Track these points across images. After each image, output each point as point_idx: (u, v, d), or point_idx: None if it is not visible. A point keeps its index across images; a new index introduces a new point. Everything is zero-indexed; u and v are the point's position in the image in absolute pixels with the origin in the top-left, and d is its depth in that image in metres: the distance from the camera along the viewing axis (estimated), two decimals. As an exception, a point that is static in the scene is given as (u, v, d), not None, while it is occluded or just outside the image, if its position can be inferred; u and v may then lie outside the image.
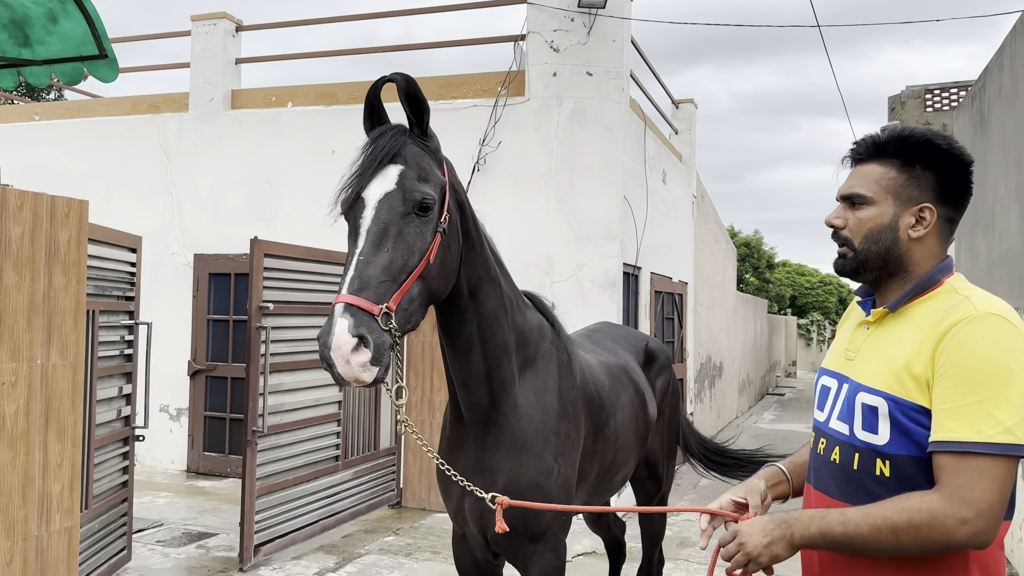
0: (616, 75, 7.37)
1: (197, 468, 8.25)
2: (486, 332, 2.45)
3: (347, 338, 1.88)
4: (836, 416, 1.70)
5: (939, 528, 1.45)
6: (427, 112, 2.24)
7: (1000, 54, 6.55)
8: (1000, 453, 1.44)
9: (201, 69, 8.55)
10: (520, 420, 2.54)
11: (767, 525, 1.60)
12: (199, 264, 8.37)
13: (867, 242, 1.67)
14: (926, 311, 1.60)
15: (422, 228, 2.12)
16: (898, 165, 1.66)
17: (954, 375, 1.49)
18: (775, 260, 34.76)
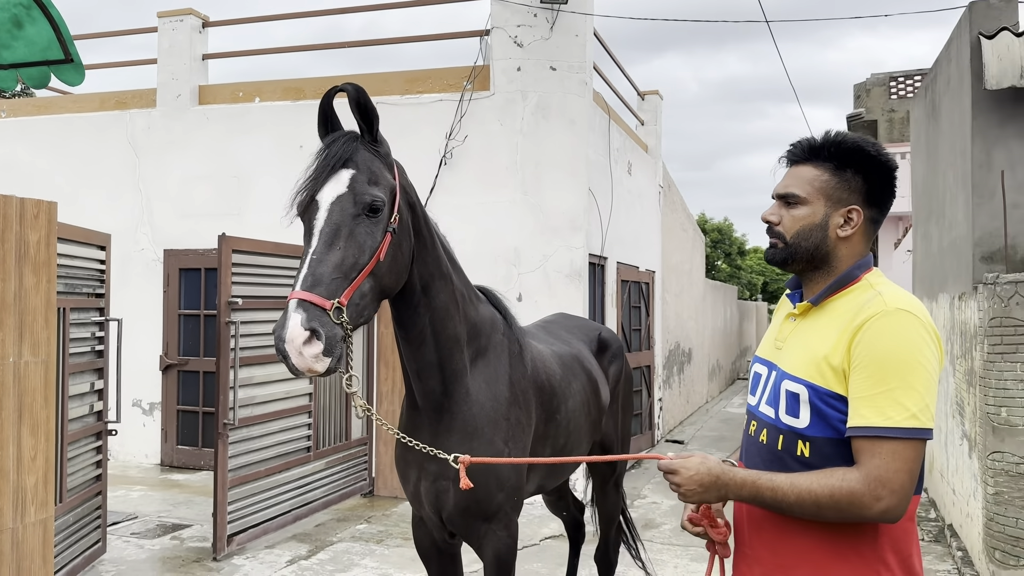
0: (579, 69, 7.51)
1: (171, 462, 8.33)
2: (438, 325, 2.60)
3: (299, 331, 2.03)
4: (765, 401, 1.84)
5: (857, 503, 1.61)
6: (376, 119, 2.38)
7: (948, 46, 6.77)
8: (907, 437, 1.61)
9: (168, 65, 8.57)
10: (472, 407, 2.69)
11: (705, 478, 1.73)
12: (169, 259, 8.42)
13: (798, 238, 1.81)
14: (844, 306, 1.75)
15: (372, 228, 2.26)
16: (831, 168, 1.79)
17: (867, 367, 1.64)
18: (746, 247, 35.16)
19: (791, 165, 1.87)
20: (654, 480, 8.49)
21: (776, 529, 1.77)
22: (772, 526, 1.78)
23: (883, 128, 22.83)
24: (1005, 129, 5.52)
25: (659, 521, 6.88)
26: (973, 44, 5.66)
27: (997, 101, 5.53)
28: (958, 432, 6.12)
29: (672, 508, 7.34)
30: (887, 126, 22.83)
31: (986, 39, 5.45)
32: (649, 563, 4.55)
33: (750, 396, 1.94)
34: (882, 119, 22.90)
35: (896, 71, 23.12)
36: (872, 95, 23.24)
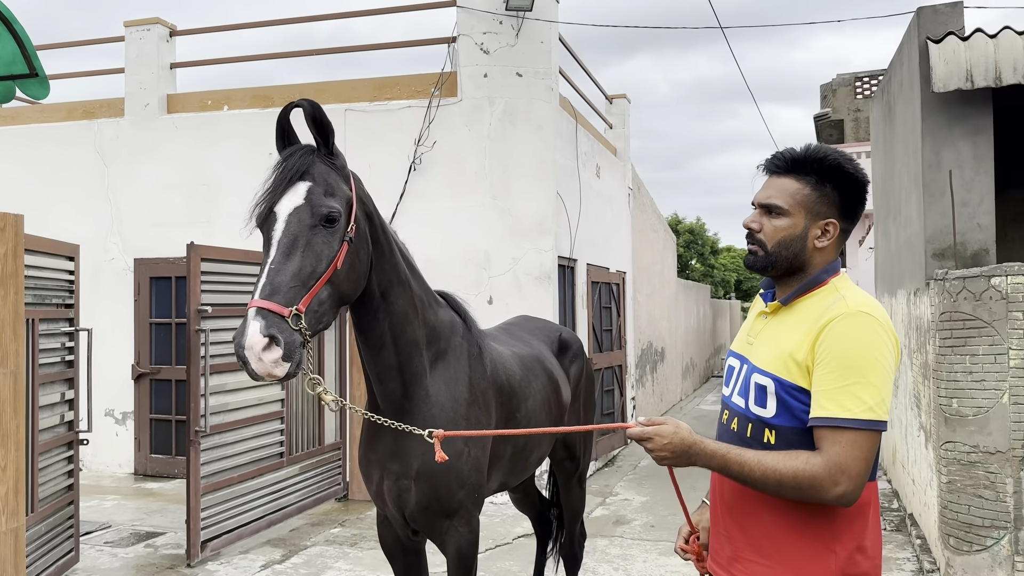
0: (545, 75, 7.63)
1: (144, 470, 8.33)
2: (397, 329, 2.70)
3: (258, 338, 2.12)
4: (737, 392, 1.98)
5: (817, 486, 1.76)
6: (332, 133, 2.48)
7: (900, 50, 6.97)
8: (865, 428, 1.75)
9: (136, 74, 8.58)
10: (431, 409, 2.79)
11: (678, 446, 1.84)
12: (139, 268, 8.43)
13: (779, 247, 1.92)
14: (811, 307, 1.89)
15: (329, 238, 2.36)
16: (812, 183, 1.90)
17: (829, 363, 1.78)
18: (719, 246, 35.53)
19: (771, 175, 1.98)
20: (626, 477, 8.63)
21: (745, 511, 1.93)
22: (742, 508, 1.94)
23: (849, 127, 23.20)
24: (952, 130, 5.71)
25: (630, 517, 7.01)
26: (922, 48, 5.85)
27: (945, 103, 5.72)
28: (915, 424, 6.31)
29: (643, 504, 7.48)
30: (853, 125, 23.20)
31: (933, 43, 5.63)
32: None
33: (724, 387, 2.08)
34: (848, 119, 23.27)
35: (861, 71, 23.49)
36: (838, 95, 23.61)
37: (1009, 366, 4.83)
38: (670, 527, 6.68)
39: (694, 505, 2.29)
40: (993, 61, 5.34)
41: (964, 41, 5.53)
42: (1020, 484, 4.82)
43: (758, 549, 1.91)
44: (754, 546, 1.91)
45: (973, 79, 5.38)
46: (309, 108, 2.42)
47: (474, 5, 7.63)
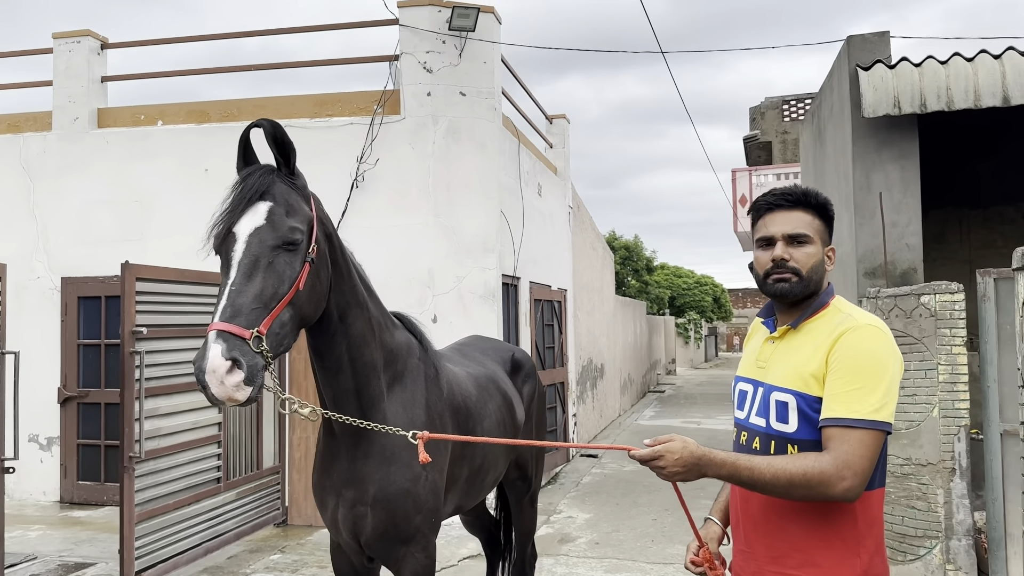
0: (488, 95, 7.67)
1: (71, 498, 7.98)
2: (355, 352, 2.65)
3: (220, 361, 2.06)
4: (755, 413, 2.09)
5: (825, 482, 1.85)
6: (293, 153, 2.43)
7: (831, 76, 7.25)
8: (870, 427, 1.87)
9: (65, 87, 8.30)
10: (389, 432, 2.74)
11: (688, 460, 1.89)
12: (67, 288, 8.11)
13: (812, 272, 2.05)
14: (820, 326, 2.03)
15: (291, 259, 2.31)
16: (816, 215, 2.08)
17: (840, 370, 1.92)
18: (654, 263, 36.14)
19: (778, 210, 2.10)
20: (569, 495, 8.65)
21: (771, 525, 2.02)
22: (767, 523, 2.03)
23: (777, 149, 23.97)
24: (881, 154, 5.95)
25: (575, 535, 7.02)
26: (852, 75, 6.09)
27: (874, 128, 5.97)
28: (850, 437, 6.50)
29: (587, 521, 7.50)
30: (780, 147, 23.97)
31: (863, 70, 5.88)
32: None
33: (737, 411, 2.18)
34: (776, 140, 24.04)
35: (788, 95, 24.32)
36: (767, 118, 24.38)
37: (938, 381, 5.03)
38: (615, 544, 6.71)
39: (648, 519, 2.32)
40: (919, 89, 5.60)
41: (891, 69, 5.79)
42: (950, 495, 5.01)
43: (784, 561, 2.01)
44: (780, 558, 2.01)
45: (900, 105, 5.63)
46: (270, 127, 2.37)
47: (417, 24, 7.64)
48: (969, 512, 5.00)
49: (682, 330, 36.95)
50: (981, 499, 5.30)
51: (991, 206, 8.81)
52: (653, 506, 8.11)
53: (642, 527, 7.29)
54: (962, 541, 4.98)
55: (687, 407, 18.65)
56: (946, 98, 5.51)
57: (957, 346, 5.01)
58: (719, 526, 2.32)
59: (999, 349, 4.97)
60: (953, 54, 5.72)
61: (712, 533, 2.30)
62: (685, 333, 37.44)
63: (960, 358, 5.00)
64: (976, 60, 5.59)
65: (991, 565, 5.08)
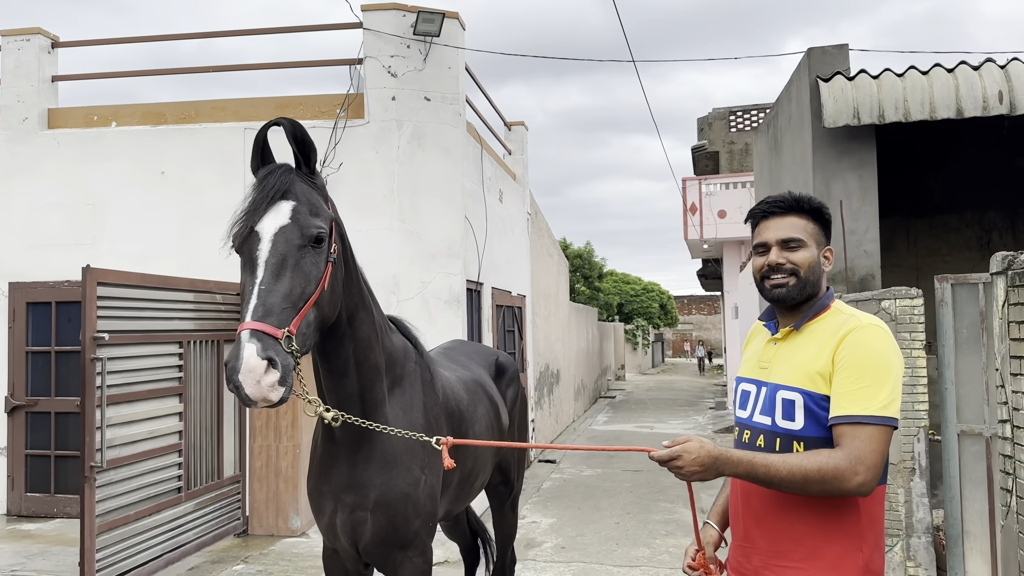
0: (453, 100, 7.67)
1: (19, 510, 7.68)
2: (361, 355, 2.64)
3: (257, 361, 2.02)
4: (759, 411, 2.14)
5: (839, 477, 1.91)
6: (314, 152, 2.41)
7: (789, 87, 7.44)
8: (879, 423, 1.94)
9: (13, 87, 8.02)
10: (390, 436, 2.72)
11: (705, 459, 1.95)
12: (15, 293, 7.83)
13: (809, 273, 2.13)
14: (823, 327, 2.10)
15: (316, 258, 2.30)
16: (811, 219, 2.16)
17: (847, 369, 1.99)
18: (604, 270, 36.50)
19: (771, 218, 2.19)
20: (531, 500, 8.67)
21: (774, 520, 2.07)
22: (770, 518, 2.08)
23: (724, 159, 24.46)
24: (841, 163, 6.13)
25: (540, 539, 7.04)
26: (812, 86, 6.26)
27: (834, 138, 6.15)
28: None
29: (551, 526, 7.53)
30: (728, 157, 24.47)
31: (823, 82, 6.05)
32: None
33: (740, 411, 2.24)
34: (723, 150, 24.53)
35: (735, 106, 24.85)
36: (714, 128, 24.86)
37: (899, 383, 5.21)
38: (580, 547, 6.76)
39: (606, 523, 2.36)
40: (877, 100, 5.79)
41: (851, 81, 5.98)
42: (910, 494, 5.18)
43: (788, 555, 2.05)
44: (783, 552, 2.06)
45: (860, 116, 5.81)
46: (290, 126, 2.35)
47: (381, 28, 7.60)
48: (928, 510, 5.17)
49: (631, 336, 37.38)
50: (938, 498, 5.49)
51: (936, 215, 9.14)
52: (614, 510, 8.18)
53: (606, 531, 7.35)
54: (922, 539, 5.15)
55: (639, 412, 18.86)
56: (903, 109, 5.71)
57: (916, 349, 5.19)
58: (716, 530, 2.36)
59: (956, 352, 5.16)
60: (909, 67, 5.93)
61: (709, 537, 2.34)
62: (633, 339, 37.89)
63: (919, 361, 5.18)
64: (931, 73, 5.81)
65: (949, 561, 5.27)
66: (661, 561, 6.35)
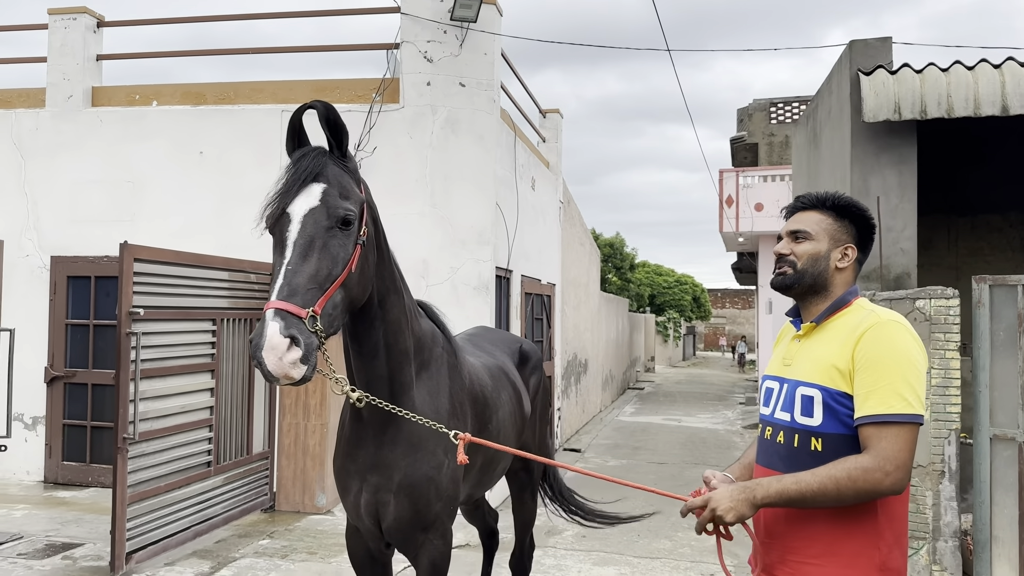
0: (488, 87, 7.67)
1: (56, 478, 7.90)
2: (391, 339, 2.67)
3: (279, 339, 2.07)
4: (780, 408, 2.16)
5: (871, 480, 1.90)
6: (346, 136, 2.44)
7: (829, 80, 7.31)
8: (906, 421, 1.93)
9: (59, 65, 8.18)
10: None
11: (733, 492, 1.98)
12: (56, 267, 8.02)
13: (807, 264, 2.15)
14: (843, 323, 2.09)
15: (344, 240, 2.33)
16: (833, 215, 2.18)
17: (868, 367, 1.97)
18: (636, 261, 36.31)
19: (797, 212, 2.24)
20: (555, 488, 8.69)
21: (791, 516, 2.07)
22: (788, 514, 2.08)
23: (763, 151, 24.14)
24: (880, 159, 6.03)
25: (562, 528, 7.06)
26: (853, 79, 6.15)
27: (874, 133, 6.04)
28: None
29: (574, 515, 7.55)
30: (767, 149, 24.15)
31: (864, 75, 5.94)
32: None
33: (763, 407, 2.25)
34: (763, 143, 24.21)
35: (776, 98, 24.47)
36: (754, 120, 24.54)
37: (931, 385, 5.12)
38: (601, 537, 6.76)
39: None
40: (919, 95, 5.67)
41: (893, 75, 5.86)
42: (939, 497, 5.10)
43: (804, 551, 2.06)
44: (800, 548, 2.06)
45: (901, 111, 5.70)
46: (323, 109, 2.38)
47: (419, 13, 7.61)
48: (957, 514, 5.09)
49: (661, 328, 37.18)
50: (968, 502, 5.41)
51: (979, 214, 8.94)
52: (639, 501, 8.16)
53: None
54: (948, 543, 5.08)
55: (667, 405, 18.78)
56: (946, 105, 5.59)
57: (950, 351, 5.10)
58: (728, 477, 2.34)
59: (992, 355, 5.06)
60: (954, 62, 5.79)
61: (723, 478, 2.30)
62: (664, 331, 37.68)
63: (953, 363, 5.09)
64: (977, 69, 5.68)
65: (976, 567, 5.19)
66: (682, 554, 6.34)
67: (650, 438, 13.00)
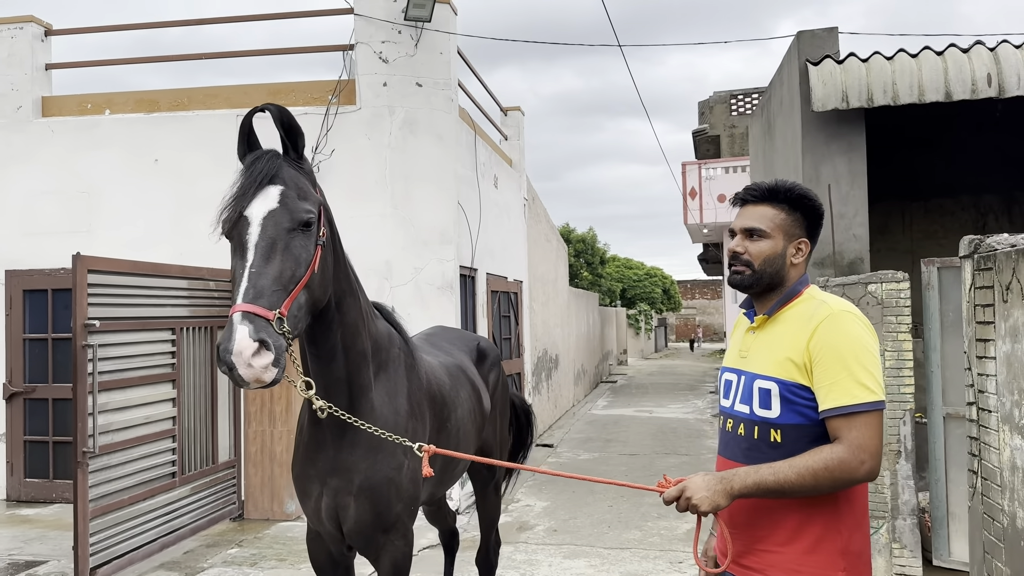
0: (445, 86, 7.67)
1: (18, 496, 7.77)
2: (348, 341, 2.67)
3: (248, 343, 2.05)
4: (739, 400, 2.17)
5: (846, 469, 1.94)
6: (302, 138, 2.44)
7: (780, 71, 7.41)
8: (872, 409, 1.96)
9: (7, 75, 8.03)
10: (376, 422, 2.76)
11: (710, 482, 2.00)
12: (11, 281, 7.88)
13: (764, 265, 2.15)
14: (795, 315, 2.12)
15: (306, 242, 2.33)
16: (786, 209, 2.16)
17: (827, 359, 1.99)
18: (607, 256, 36.49)
19: (747, 205, 2.21)
20: (527, 484, 8.73)
21: (756, 505, 2.10)
22: (752, 504, 2.10)
23: (725, 143, 24.38)
24: (830, 147, 6.13)
25: (533, 523, 7.10)
26: (801, 70, 6.25)
27: (823, 122, 6.13)
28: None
29: (545, 509, 7.59)
30: (728, 141, 24.38)
31: (812, 65, 6.04)
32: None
33: (723, 400, 2.27)
34: (724, 134, 24.44)
35: (736, 89, 24.72)
36: (715, 112, 24.76)
37: (885, 367, 5.22)
38: (572, 530, 6.81)
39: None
40: (866, 84, 5.77)
41: (840, 64, 5.96)
42: (896, 476, 5.20)
43: (769, 539, 2.09)
44: (765, 537, 2.10)
45: (848, 100, 5.79)
46: (277, 112, 2.37)
47: (372, 13, 7.59)
48: (914, 493, 5.20)
49: (633, 321, 37.40)
50: (924, 480, 5.52)
51: (932, 199, 9.12)
52: (608, 493, 8.23)
53: (599, 514, 7.40)
54: (907, 520, 5.18)
55: (639, 397, 18.91)
56: (892, 93, 5.70)
57: (902, 333, 5.20)
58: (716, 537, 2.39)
59: (942, 335, 5.17)
60: (898, 50, 5.90)
61: (710, 547, 2.37)
62: (636, 324, 37.91)
63: (905, 344, 5.19)
64: (920, 56, 5.79)
65: (934, 543, 5.31)
66: (651, 543, 6.40)
67: (622, 430, 13.08)
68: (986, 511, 3.23)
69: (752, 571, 2.12)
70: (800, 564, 2.05)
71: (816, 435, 2.03)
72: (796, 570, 2.05)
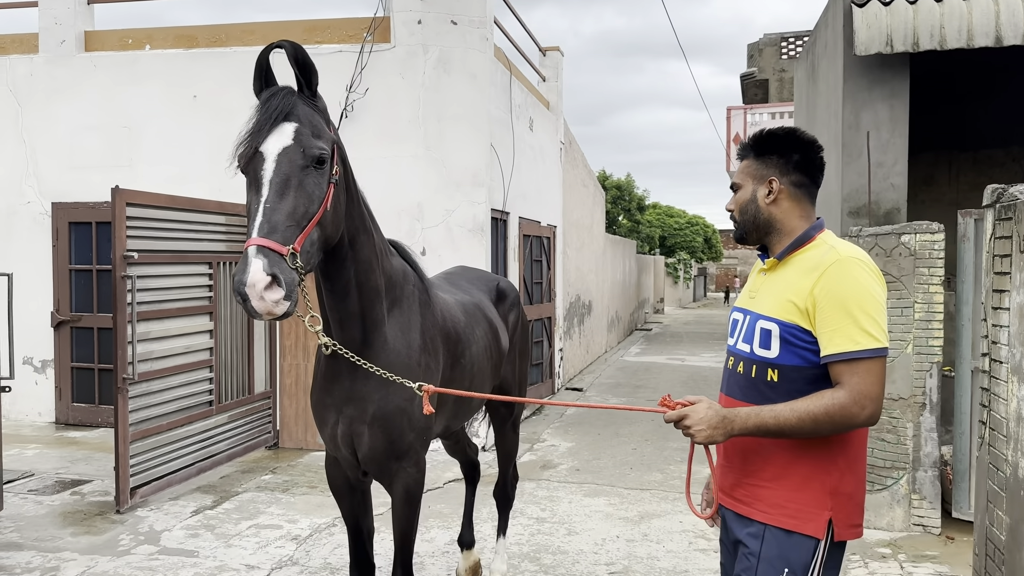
0: (480, 24, 7.58)
1: (66, 419, 8.14)
2: (362, 277, 2.74)
3: (262, 276, 2.12)
4: (742, 339, 2.23)
5: (848, 414, 1.98)
6: (315, 75, 2.46)
7: (826, 12, 7.19)
8: (874, 355, 1.99)
9: (50, 9, 8.14)
10: (389, 355, 2.85)
11: (712, 418, 2.04)
12: (58, 213, 8.12)
13: (741, 214, 2.24)
14: (805, 259, 2.13)
15: (319, 179, 2.37)
16: (753, 156, 2.23)
17: (830, 304, 2.01)
18: (646, 202, 36.09)
19: (741, 162, 2.29)
20: (553, 425, 8.87)
21: (748, 441, 2.15)
22: (744, 439, 2.15)
23: (774, 87, 23.73)
24: (872, 93, 5.96)
25: (556, 462, 7.24)
26: (846, 11, 6.05)
27: (866, 66, 5.96)
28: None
29: (569, 450, 7.73)
30: (778, 85, 23.72)
31: (857, 7, 5.84)
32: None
33: (729, 338, 2.33)
34: (773, 79, 23.77)
35: (787, 32, 23.94)
36: (764, 55, 24.06)
37: (914, 319, 5.16)
38: (594, 470, 6.94)
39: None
40: (912, 27, 5.58)
41: (886, 6, 5.75)
42: (919, 428, 5.19)
43: (758, 474, 2.16)
44: (755, 472, 2.15)
45: (893, 44, 5.61)
46: (292, 49, 2.40)
47: (409, -51, 7.48)
48: (936, 445, 5.19)
49: (672, 270, 37.15)
50: (948, 434, 5.50)
51: (981, 149, 8.84)
52: (633, 436, 8.33)
53: (622, 455, 7.51)
54: (928, 472, 5.18)
55: (672, 345, 18.91)
56: (939, 37, 5.50)
57: (934, 285, 5.12)
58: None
59: (975, 289, 5.08)
60: (948, -8, 5.68)
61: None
62: (675, 273, 37.65)
63: (936, 297, 5.12)
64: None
65: (954, 496, 5.30)
66: (672, 486, 6.49)
67: (652, 377, 13.15)
68: (991, 461, 3.23)
69: (740, 503, 2.19)
70: (787, 500, 2.10)
71: (813, 377, 2.06)
72: (782, 505, 2.10)
